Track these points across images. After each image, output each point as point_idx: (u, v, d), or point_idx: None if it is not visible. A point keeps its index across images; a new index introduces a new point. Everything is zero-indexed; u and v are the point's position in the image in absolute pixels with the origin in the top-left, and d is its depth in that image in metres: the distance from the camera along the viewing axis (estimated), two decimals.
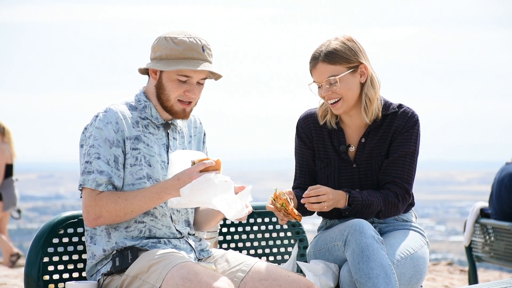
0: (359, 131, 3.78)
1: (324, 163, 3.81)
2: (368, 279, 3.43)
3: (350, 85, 3.68)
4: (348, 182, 3.77)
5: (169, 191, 3.30)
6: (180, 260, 3.20)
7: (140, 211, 3.33)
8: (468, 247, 7.18)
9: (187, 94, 3.41)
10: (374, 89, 3.72)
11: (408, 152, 3.73)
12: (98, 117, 3.37)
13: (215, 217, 3.60)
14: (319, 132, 3.82)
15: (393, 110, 3.76)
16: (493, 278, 9.55)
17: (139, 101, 3.47)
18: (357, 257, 3.47)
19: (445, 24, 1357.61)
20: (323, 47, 3.70)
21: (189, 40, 3.39)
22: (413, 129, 3.74)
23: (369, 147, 3.75)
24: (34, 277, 3.38)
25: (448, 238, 58.57)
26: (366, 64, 3.71)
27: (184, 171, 3.29)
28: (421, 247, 3.75)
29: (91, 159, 3.32)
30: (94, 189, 3.31)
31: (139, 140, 3.40)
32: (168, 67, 3.37)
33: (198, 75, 3.41)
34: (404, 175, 3.71)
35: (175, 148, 3.50)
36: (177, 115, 3.45)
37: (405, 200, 3.72)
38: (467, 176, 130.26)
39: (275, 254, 4.10)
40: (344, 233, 3.55)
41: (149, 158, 3.40)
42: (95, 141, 3.34)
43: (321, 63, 3.67)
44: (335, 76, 3.65)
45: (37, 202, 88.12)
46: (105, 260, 3.39)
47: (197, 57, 3.39)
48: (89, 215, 3.31)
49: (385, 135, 3.75)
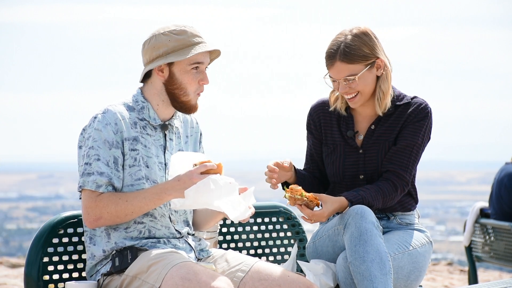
0: (369, 119, 3.80)
1: (330, 148, 3.83)
2: (363, 262, 3.43)
3: (368, 81, 3.70)
4: (353, 168, 3.78)
5: (169, 192, 3.29)
6: (180, 260, 3.20)
7: (140, 212, 3.33)
8: (468, 247, 7.19)
9: (202, 83, 3.43)
10: (388, 82, 3.73)
11: (416, 143, 3.73)
12: (97, 118, 3.36)
13: (214, 217, 3.61)
14: (328, 118, 3.85)
15: (406, 101, 3.77)
16: (493, 278, 9.55)
17: (137, 102, 3.45)
18: (355, 240, 3.47)
19: (445, 24, 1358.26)
20: (340, 43, 3.67)
21: (187, 28, 3.41)
22: (424, 120, 3.75)
23: (377, 133, 3.77)
24: (34, 277, 3.38)
25: (448, 238, 58.55)
26: (382, 57, 3.72)
27: (186, 172, 3.29)
28: (422, 245, 3.75)
29: (91, 161, 3.32)
30: (94, 191, 3.30)
31: (137, 141, 3.39)
32: (182, 56, 3.36)
33: (207, 59, 3.43)
34: (409, 166, 3.72)
35: (171, 149, 3.49)
36: (192, 109, 3.45)
37: (403, 191, 3.72)
38: (467, 176, 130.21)
39: (275, 254, 4.10)
40: (345, 217, 3.56)
41: (146, 160, 3.40)
42: (94, 142, 3.33)
43: (338, 62, 3.65)
44: (354, 75, 3.66)
45: (37, 202, 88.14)
46: (104, 260, 3.38)
47: (202, 41, 3.42)
48: (89, 217, 3.31)
49: (395, 122, 3.76)
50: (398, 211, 3.82)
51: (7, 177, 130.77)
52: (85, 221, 3.33)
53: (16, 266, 9.71)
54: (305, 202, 3.55)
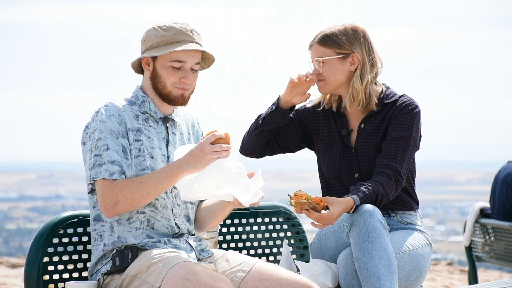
0: (359, 116, 3.85)
1: (327, 144, 3.87)
2: (371, 259, 3.45)
3: (335, 70, 3.78)
4: (348, 166, 3.82)
5: (182, 167, 3.29)
6: (180, 260, 3.20)
7: (156, 193, 3.32)
8: (468, 247, 7.18)
9: (182, 80, 3.42)
10: (362, 82, 3.78)
11: (402, 136, 3.75)
12: (100, 112, 3.38)
13: (222, 210, 3.57)
14: (326, 116, 3.91)
15: (393, 99, 3.82)
16: (493, 278, 9.55)
17: (137, 97, 3.48)
18: (363, 237, 3.49)
19: (445, 24, 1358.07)
20: (325, 29, 3.83)
21: (178, 26, 3.42)
22: (408, 114, 3.78)
23: (367, 132, 3.81)
24: (34, 277, 3.38)
25: (448, 238, 58.57)
26: (360, 55, 3.77)
27: (196, 145, 3.29)
28: (423, 246, 3.76)
29: (101, 152, 3.32)
30: (107, 179, 3.30)
31: (141, 132, 3.41)
32: (160, 52, 3.38)
33: (191, 59, 3.42)
34: (397, 156, 3.72)
35: (174, 142, 3.50)
36: (176, 101, 3.46)
37: (398, 181, 3.72)
38: (467, 176, 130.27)
39: (275, 254, 4.10)
40: (352, 215, 3.57)
41: (151, 150, 3.41)
42: (101, 134, 3.34)
43: (315, 44, 3.83)
44: (323, 57, 3.78)
45: (37, 202, 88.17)
46: (105, 260, 3.39)
47: (187, 40, 3.42)
48: (106, 204, 3.30)
49: (383, 120, 3.80)
50: (398, 209, 3.83)
51: (7, 177, 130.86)
52: (103, 210, 3.31)
53: (16, 266, 9.71)
54: (312, 205, 3.55)
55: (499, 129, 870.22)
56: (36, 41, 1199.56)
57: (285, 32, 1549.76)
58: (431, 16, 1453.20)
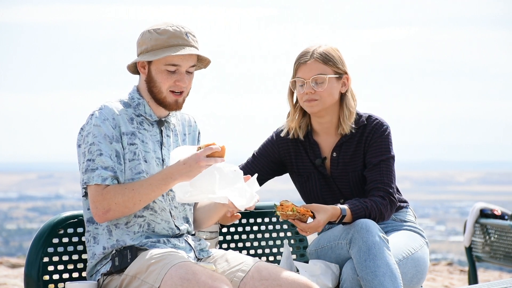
0: (331, 144, 3.82)
1: (304, 177, 3.85)
2: (375, 277, 3.44)
3: (332, 90, 3.74)
4: (330, 194, 3.82)
5: (175, 176, 3.29)
6: (179, 260, 3.20)
7: (148, 200, 3.32)
8: (468, 247, 7.18)
9: (177, 84, 3.42)
10: (354, 102, 3.78)
11: (382, 159, 3.75)
12: (94, 115, 3.38)
13: (217, 211, 3.58)
14: (296, 147, 3.86)
15: (362, 124, 3.79)
16: (493, 278, 9.55)
17: (133, 99, 3.47)
18: (364, 255, 3.48)
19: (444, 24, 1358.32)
20: (316, 48, 3.75)
21: (172, 29, 3.41)
22: (381, 137, 3.77)
23: (342, 161, 3.79)
24: (34, 277, 3.38)
25: (448, 238, 58.51)
26: (349, 77, 3.77)
27: (191, 155, 3.29)
28: (421, 247, 3.77)
29: (94, 157, 3.32)
30: (100, 184, 3.31)
31: (135, 136, 3.41)
32: (154, 57, 3.38)
33: (186, 62, 3.42)
34: (384, 179, 3.73)
35: (168, 145, 3.50)
36: (170, 106, 3.45)
37: (392, 202, 3.72)
38: (467, 176, 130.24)
39: (275, 254, 4.10)
40: (349, 232, 3.57)
41: (144, 154, 3.41)
42: (95, 138, 3.34)
43: (314, 60, 3.72)
44: (325, 75, 3.70)
45: (37, 202, 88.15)
46: (104, 260, 3.39)
47: (182, 43, 3.41)
48: (98, 210, 3.30)
49: (358, 149, 3.78)
50: None
51: (7, 177, 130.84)
52: (94, 216, 3.32)
53: (16, 266, 9.72)
54: (297, 217, 3.55)
55: (499, 129, 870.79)
56: (36, 41, 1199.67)
57: (285, 32, 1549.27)
58: (430, 16, 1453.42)
